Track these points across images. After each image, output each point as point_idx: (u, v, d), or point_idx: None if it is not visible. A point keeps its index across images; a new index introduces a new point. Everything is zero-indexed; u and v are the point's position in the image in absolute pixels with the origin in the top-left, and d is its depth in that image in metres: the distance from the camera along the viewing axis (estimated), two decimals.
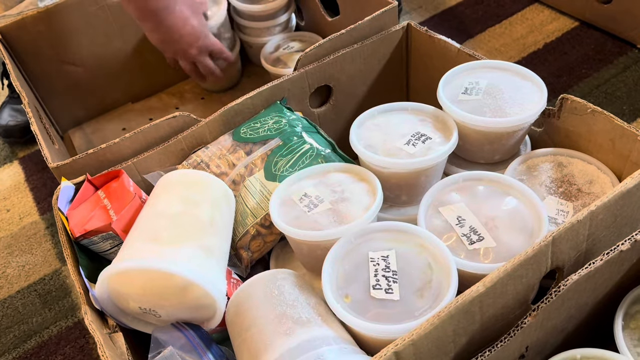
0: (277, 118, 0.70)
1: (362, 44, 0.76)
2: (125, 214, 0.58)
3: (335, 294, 0.50)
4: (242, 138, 0.68)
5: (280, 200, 0.60)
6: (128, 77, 1.05)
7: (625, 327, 0.52)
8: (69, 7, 0.93)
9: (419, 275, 0.50)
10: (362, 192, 0.59)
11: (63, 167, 0.65)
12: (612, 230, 0.55)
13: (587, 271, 0.47)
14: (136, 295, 0.52)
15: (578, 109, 0.62)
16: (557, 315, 0.49)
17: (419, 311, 0.47)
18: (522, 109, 0.61)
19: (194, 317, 0.54)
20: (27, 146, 1.10)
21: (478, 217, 0.55)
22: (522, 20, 1.12)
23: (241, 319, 0.51)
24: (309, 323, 0.48)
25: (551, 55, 1.04)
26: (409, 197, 0.63)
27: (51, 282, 0.87)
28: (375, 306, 0.49)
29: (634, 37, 1.00)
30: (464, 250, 0.52)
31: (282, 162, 0.65)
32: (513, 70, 0.66)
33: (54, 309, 0.83)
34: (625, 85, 0.96)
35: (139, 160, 0.66)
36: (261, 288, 0.52)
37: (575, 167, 0.62)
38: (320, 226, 0.56)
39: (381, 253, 0.52)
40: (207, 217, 0.56)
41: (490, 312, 0.48)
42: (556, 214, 0.58)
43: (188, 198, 0.57)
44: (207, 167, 0.66)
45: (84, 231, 0.58)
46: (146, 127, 0.67)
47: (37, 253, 0.91)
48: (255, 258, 0.64)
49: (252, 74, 1.09)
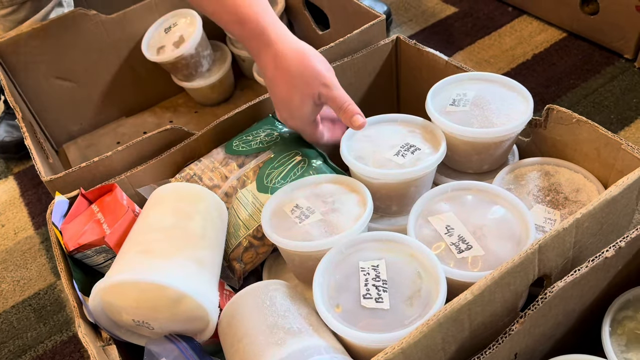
0: (269, 131, 0.71)
1: (352, 58, 0.78)
2: (118, 228, 0.59)
3: (327, 304, 0.51)
4: (234, 151, 0.69)
5: (272, 211, 0.61)
6: (122, 91, 1.06)
7: (612, 333, 0.52)
8: (63, 23, 0.95)
9: (409, 284, 0.51)
10: (352, 202, 0.60)
11: (56, 180, 0.65)
12: (599, 238, 0.56)
13: (572, 278, 0.48)
14: (129, 308, 0.52)
15: (564, 119, 0.63)
16: (545, 322, 0.50)
17: (409, 320, 0.48)
18: (509, 119, 0.63)
19: (186, 329, 0.54)
20: (22, 162, 1.10)
21: (467, 226, 0.56)
22: (511, 32, 1.14)
23: (233, 330, 0.52)
24: (300, 333, 0.48)
25: (540, 66, 1.05)
26: (399, 207, 0.64)
27: (46, 297, 0.87)
28: (366, 315, 0.49)
29: (620, 47, 1.02)
30: (453, 259, 0.53)
31: (274, 174, 0.65)
32: (499, 82, 0.67)
33: (48, 324, 0.83)
34: (612, 94, 0.97)
35: (133, 174, 0.67)
36: (253, 299, 0.53)
37: (562, 176, 0.63)
38: (312, 237, 0.57)
39: (371, 263, 0.53)
40: (200, 230, 0.57)
41: (478, 319, 0.48)
42: (543, 222, 0.59)
43: (180, 211, 0.57)
44: (199, 180, 0.67)
45: (77, 245, 0.59)
46: (139, 140, 0.68)
47: (32, 268, 0.92)
48: (248, 270, 0.65)
49: (245, 87, 1.10)
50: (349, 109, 0.61)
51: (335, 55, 0.78)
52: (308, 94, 0.60)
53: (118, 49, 1.02)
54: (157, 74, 1.05)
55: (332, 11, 0.96)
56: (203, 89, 1.04)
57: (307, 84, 0.60)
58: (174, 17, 1.02)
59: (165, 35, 1.00)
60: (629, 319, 0.53)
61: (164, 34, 1.01)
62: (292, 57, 0.60)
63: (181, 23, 1.00)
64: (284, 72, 0.60)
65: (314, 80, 0.60)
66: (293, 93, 0.61)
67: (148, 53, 1.00)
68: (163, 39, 1.00)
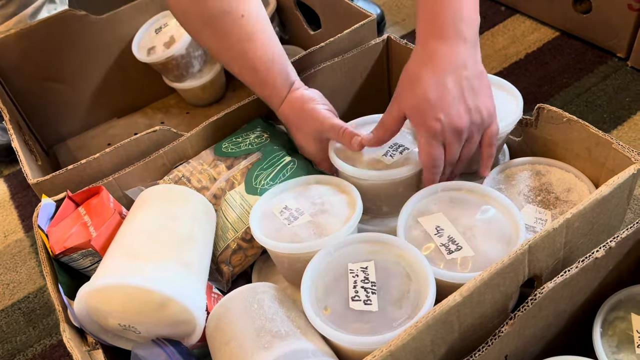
0: (259, 132, 0.70)
1: (343, 58, 0.77)
2: (104, 231, 0.58)
3: (315, 306, 0.50)
4: (223, 153, 0.68)
5: (261, 213, 0.60)
6: (112, 92, 1.05)
7: (603, 334, 0.52)
8: (52, 24, 0.94)
9: (398, 286, 0.50)
10: (342, 204, 0.59)
11: (43, 183, 0.65)
12: (590, 238, 0.55)
13: (562, 279, 0.47)
14: (115, 312, 0.52)
15: (554, 118, 0.62)
16: (535, 323, 0.50)
17: (397, 322, 0.47)
18: (499, 119, 0.62)
19: (174, 333, 0.54)
20: (13, 164, 1.09)
21: (456, 226, 0.55)
22: (503, 32, 1.13)
23: (221, 333, 0.51)
24: (287, 337, 0.48)
25: (532, 66, 1.05)
26: (390, 208, 0.64)
27: (35, 300, 0.86)
28: (354, 318, 0.49)
29: (613, 46, 1.01)
30: (442, 260, 0.52)
31: (262, 176, 0.65)
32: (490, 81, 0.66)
33: (38, 327, 0.83)
34: (605, 93, 0.97)
35: (120, 176, 0.66)
36: (241, 302, 0.52)
37: (553, 176, 0.63)
38: (300, 239, 0.56)
39: (360, 264, 0.52)
40: (187, 232, 0.56)
41: (468, 321, 0.48)
42: (534, 223, 0.58)
43: (167, 213, 0.57)
44: (188, 181, 0.66)
45: (63, 248, 0.58)
46: (126, 141, 0.67)
47: (22, 271, 0.91)
48: (236, 272, 0.64)
49: (237, 87, 1.09)
50: (346, 134, 0.62)
51: (325, 55, 0.77)
52: (308, 133, 0.65)
53: (108, 49, 1.01)
54: (148, 75, 1.04)
55: (324, 11, 0.96)
56: (194, 89, 1.03)
57: (306, 124, 0.65)
58: (165, 18, 1.01)
59: (155, 36, 1.00)
60: (620, 319, 0.52)
61: (155, 35, 1.00)
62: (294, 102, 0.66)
63: (172, 23, 0.99)
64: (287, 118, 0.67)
65: (310, 118, 0.64)
66: (296, 134, 0.67)
67: (138, 54, 1.00)
68: (154, 40, 1.00)
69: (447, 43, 0.54)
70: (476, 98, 0.55)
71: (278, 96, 0.66)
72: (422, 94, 0.54)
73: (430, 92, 0.54)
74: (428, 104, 0.54)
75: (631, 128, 0.90)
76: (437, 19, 0.55)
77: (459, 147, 0.56)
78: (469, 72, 0.55)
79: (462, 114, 0.54)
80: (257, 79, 0.66)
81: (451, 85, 0.54)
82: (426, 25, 0.56)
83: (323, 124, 0.63)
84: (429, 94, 0.54)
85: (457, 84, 0.54)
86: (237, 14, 0.63)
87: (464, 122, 0.54)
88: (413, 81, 0.56)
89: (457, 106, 0.54)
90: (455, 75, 0.54)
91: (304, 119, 0.65)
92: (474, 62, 0.55)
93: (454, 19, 0.55)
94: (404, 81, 0.57)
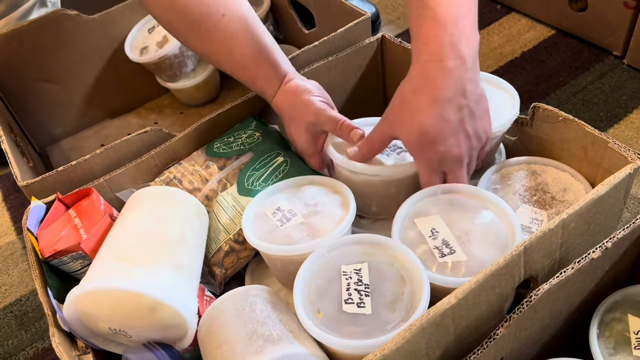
0: (251, 132, 0.69)
1: (337, 56, 0.76)
2: (94, 233, 0.57)
3: (307, 309, 0.49)
4: (215, 153, 0.67)
5: (253, 214, 0.59)
6: (106, 93, 1.04)
7: (600, 335, 0.51)
8: (44, 24, 0.93)
9: (391, 288, 0.49)
10: (335, 204, 0.58)
11: (33, 185, 0.64)
12: (586, 238, 0.54)
13: (558, 280, 0.47)
14: (105, 316, 0.51)
15: (550, 117, 0.62)
16: (531, 325, 0.49)
17: (391, 325, 0.47)
18: (495, 117, 0.61)
19: (165, 337, 0.53)
20: (4, 166, 1.08)
21: (452, 230, 0.54)
22: (499, 30, 1.12)
23: (212, 337, 0.50)
24: (280, 340, 0.47)
25: (528, 64, 1.04)
26: (378, 209, 0.63)
27: (27, 303, 0.85)
28: (347, 321, 0.48)
29: (609, 44, 1.01)
30: (434, 262, 0.52)
31: (255, 177, 0.64)
32: (485, 80, 0.66)
33: (30, 331, 0.82)
34: (602, 92, 0.96)
35: (111, 177, 0.65)
36: (232, 305, 0.51)
37: (549, 175, 0.62)
38: (293, 240, 0.55)
39: (353, 266, 0.51)
40: (177, 234, 0.55)
41: (463, 323, 0.47)
42: (530, 223, 0.58)
43: (157, 215, 0.56)
44: (179, 183, 0.66)
45: (53, 251, 0.57)
46: (117, 142, 0.66)
47: (14, 274, 0.90)
48: (228, 275, 0.63)
49: (232, 87, 1.09)
50: (344, 126, 0.60)
51: (319, 54, 0.77)
52: (301, 124, 0.63)
53: (101, 49, 1.00)
54: (141, 75, 1.03)
55: (318, 10, 0.95)
56: (188, 89, 1.02)
57: (299, 115, 0.63)
58: None
59: (148, 36, 0.99)
60: (616, 320, 0.52)
61: (147, 34, 0.99)
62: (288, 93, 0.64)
63: None
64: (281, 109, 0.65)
65: (304, 110, 0.62)
66: (289, 125, 0.65)
67: (131, 54, 0.99)
68: (146, 40, 0.99)
69: (446, 68, 0.52)
70: (475, 123, 0.54)
71: (271, 88, 0.65)
72: (420, 126, 0.52)
73: (429, 124, 0.52)
74: (427, 136, 0.52)
75: (627, 126, 0.90)
76: (434, 40, 0.52)
77: (460, 172, 0.55)
78: (469, 99, 0.52)
79: (462, 144, 0.53)
80: (248, 75, 0.65)
81: (451, 115, 0.52)
82: (423, 46, 0.53)
83: (319, 116, 0.62)
84: (428, 127, 0.52)
85: (456, 113, 0.52)
86: (217, 15, 0.63)
87: (464, 151, 0.54)
88: (410, 109, 0.53)
89: (456, 136, 0.52)
90: (455, 105, 0.52)
91: (298, 110, 0.63)
92: (474, 86, 0.53)
93: (452, 40, 0.52)
94: (400, 105, 0.55)
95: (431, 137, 0.52)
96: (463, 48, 0.52)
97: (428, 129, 0.52)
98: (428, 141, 0.53)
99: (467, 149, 0.54)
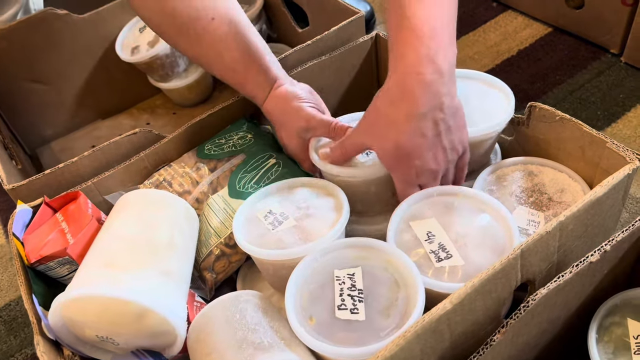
0: (243, 133, 0.68)
1: (331, 55, 0.75)
2: (81, 238, 0.56)
3: (299, 315, 0.48)
4: (206, 155, 0.66)
5: (245, 218, 0.58)
6: (97, 93, 1.03)
7: (599, 340, 0.50)
8: (33, 23, 0.91)
9: (386, 294, 0.48)
10: (327, 207, 0.57)
11: (19, 188, 0.62)
12: (584, 240, 0.53)
13: (556, 284, 0.46)
14: (91, 323, 0.50)
15: (547, 117, 0.60)
16: (528, 330, 0.48)
17: (385, 331, 0.45)
18: (490, 117, 0.60)
19: (154, 344, 0.52)
20: None
21: (449, 233, 0.53)
22: (495, 28, 1.11)
23: (202, 345, 0.49)
24: (271, 348, 0.46)
25: (525, 62, 1.03)
26: (364, 207, 0.62)
27: (17, 308, 0.84)
28: (341, 328, 0.47)
29: (606, 42, 1.00)
30: (430, 267, 0.50)
31: (246, 179, 0.63)
32: (480, 79, 0.64)
33: (19, 336, 0.80)
34: (599, 90, 0.95)
35: (100, 180, 0.64)
36: (222, 312, 0.50)
37: (546, 176, 0.61)
38: (285, 244, 0.54)
39: (347, 271, 0.50)
40: (166, 239, 0.54)
41: (459, 329, 0.46)
42: (527, 225, 0.57)
43: (145, 219, 0.54)
44: (169, 185, 0.64)
45: (39, 256, 0.56)
46: (105, 144, 0.65)
47: (3, 278, 0.88)
48: (220, 279, 0.62)
49: (225, 87, 1.07)
50: (338, 127, 0.60)
51: (312, 53, 0.75)
52: (291, 130, 0.63)
53: (92, 49, 0.99)
54: (132, 75, 1.02)
55: (311, 8, 0.94)
56: (180, 89, 1.01)
57: (290, 121, 0.63)
58: None
59: (139, 35, 0.97)
60: (616, 325, 0.51)
61: (139, 34, 0.97)
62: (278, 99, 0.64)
63: None
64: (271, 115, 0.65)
65: (295, 116, 0.62)
66: (280, 131, 0.65)
67: (122, 53, 0.97)
68: (137, 39, 0.97)
69: (424, 81, 0.50)
70: (451, 135, 0.53)
71: (261, 93, 0.64)
72: (396, 141, 0.51)
73: (404, 139, 0.51)
74: (402, 151, 0.52)
75: (625, 125, 0.89)
76: (412, 52, 0.50)
77: (436, 184, 0.56)
78: (445, 114, 0.51)
79: (438, 157, 0.53)
80: (237, 80, 0.65)
81: (427, 131, 0.51)
82: (400, 58, 0.51)
83: (310, 121, 0.61)
84: (404, 142, 0.51)
85: (433, 128, 0.51)
86: (207, 19, 0.62)
87: (440, 164, 0.54)
88: (386, 122, 0.52)
89: (432, 150, 0.52)
90: (432, 119, 0.51)
91: (288, 117, 0.63)
92: (451, 99, 0.52)
93: (429, 54, 0.50)
94: (376, 117, 0.54)
95: (407, 152, 0.52)
96: (440, 62, 0.51)
97: (404, 143, 0.51)
98: (404, 155, 0.52)
99: (444, 163, 0.54)
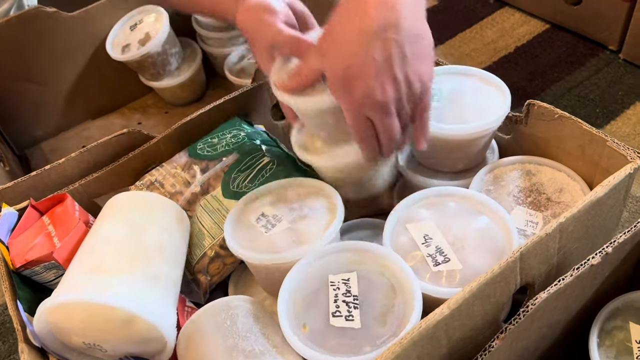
0: (236, 132, 0.66)
1: None
2: (68, 242, 0.54)
3: (293, 323, 0.46)
4: (198, 155, 0.64)
5: (236, 221, 0.57)
6: (87, 92, 1.01)
7: (600, 344, 0.49)
8: (22, 21, 0.89)
9: (382, 300, 0.46)
10: (321, 208, 0.55)
11: (4, 191, 0.61)
12: (585, 242, 0.52)
13: (556, 288, 0.44)
14: (78, 330, 0.48)
15: (545, 115, 0.59)
16: (528, 335, 0.46)
17: (381, 339, 0.44)
18: (486, 114, 0.59)
19: (142, 351, 0.50)
20: None
21: (446, 236, 0.51)
22: (492, 25, 1.10)
23: (191, 352, 0.47)
24: (262, 356, 0.44)
25: (522, 59, 1.02)
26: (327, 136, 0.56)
27: (5, 313, 0.82)
28: (335, 335, 0.45)
29: (605, 38, 0.99)
30: (428, 271, 0.49)
31: (240, 178, 0.61)
32: (476, 75, 0.63)
33: (7, 342, 0.79)
34: (597, 87, 0.94)
35: (88, 182, 0.62)
36: (212, 318, 0.48)
37: (545, 175, 0.59)
38: (278, 248, 0.52)
39: (342, 276, 0.49)
40: (155, 242, 0.52)
41: (457, 335, 0.45)
42: (525, 225, 0.55)
43: (134, 222, 0.53)
44: (161, 186, 0.63)
45: (24, 261, 0.54)
46: (93, 145, 0.63)
47: None
48: (214, 282, 0.60)
49: (218, 86, 1.06)
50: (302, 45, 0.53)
51: None
52: (262, 46, 0.56)
53: (82, 48, 0.97)
54: (124, 73, 1.00)
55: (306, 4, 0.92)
56: (172, 88, 0.99)
57: (260, 37, 0.57)
58: (140, 14, 0.97)
59: (130, 33, 0.95)
60: (618, 329, 0.49)
61: (130, 32, 0.96)
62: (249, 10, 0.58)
63: (147, 20, 0.95)
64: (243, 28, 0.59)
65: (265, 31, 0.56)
66: (252, 47, 0.59)
67: (113, 52, 0.95)
68: (128, 37, 0.95)
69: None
70: (406, 66, 0.46)
71: (233, 4, 0.59)
72: (343, 59, 0.45)
73: (351, 57, 0.45)
74: (348, 71, 0.46)
75: (625, 123, 0.87)
76: None
77: (388, 121, 0.48)
78: (401, 36, 0.45)
79: (386, 87, 0.46)
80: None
81: (376, 51, 0.44)
82: None
83: (275, 37, 0.54)
84: (351, 60, 0.45)
85: (384, 50, 0.45)
86: None
87: (388, 96, 0.46)
88: (336, 38, 0.47)
89: (380, 78, 0.45)
90: (384, 39, 0.44)
91: (259, 31, 0.56)
92: (411, 23, 0.45)
93: None
94: (328, 34, 0.48)
95: (352, 73, 0.46)
96: None
97: (351, 62, 0.45)
98: (350, 77, 0.46)
99: (392, 95, 0.46)
